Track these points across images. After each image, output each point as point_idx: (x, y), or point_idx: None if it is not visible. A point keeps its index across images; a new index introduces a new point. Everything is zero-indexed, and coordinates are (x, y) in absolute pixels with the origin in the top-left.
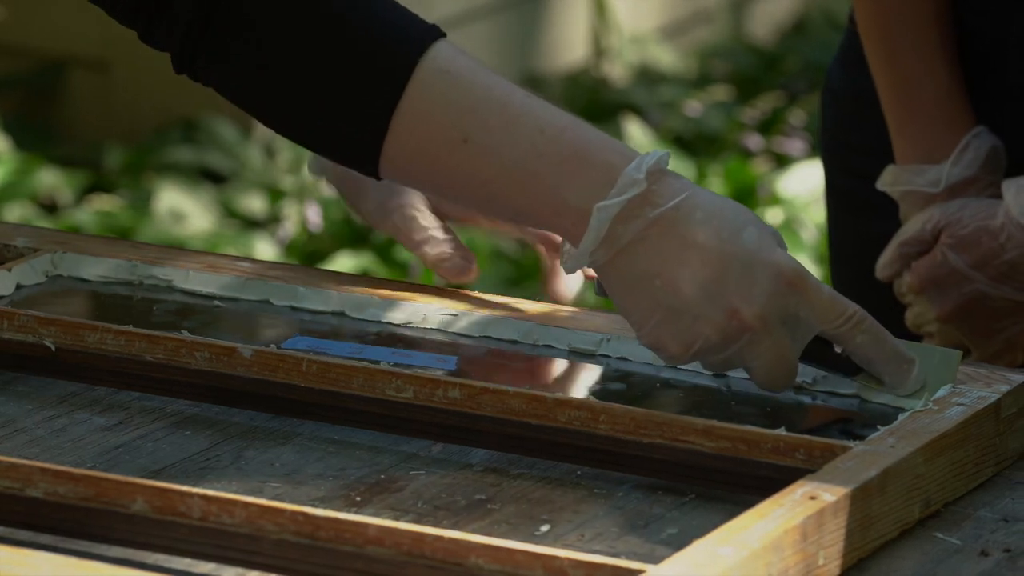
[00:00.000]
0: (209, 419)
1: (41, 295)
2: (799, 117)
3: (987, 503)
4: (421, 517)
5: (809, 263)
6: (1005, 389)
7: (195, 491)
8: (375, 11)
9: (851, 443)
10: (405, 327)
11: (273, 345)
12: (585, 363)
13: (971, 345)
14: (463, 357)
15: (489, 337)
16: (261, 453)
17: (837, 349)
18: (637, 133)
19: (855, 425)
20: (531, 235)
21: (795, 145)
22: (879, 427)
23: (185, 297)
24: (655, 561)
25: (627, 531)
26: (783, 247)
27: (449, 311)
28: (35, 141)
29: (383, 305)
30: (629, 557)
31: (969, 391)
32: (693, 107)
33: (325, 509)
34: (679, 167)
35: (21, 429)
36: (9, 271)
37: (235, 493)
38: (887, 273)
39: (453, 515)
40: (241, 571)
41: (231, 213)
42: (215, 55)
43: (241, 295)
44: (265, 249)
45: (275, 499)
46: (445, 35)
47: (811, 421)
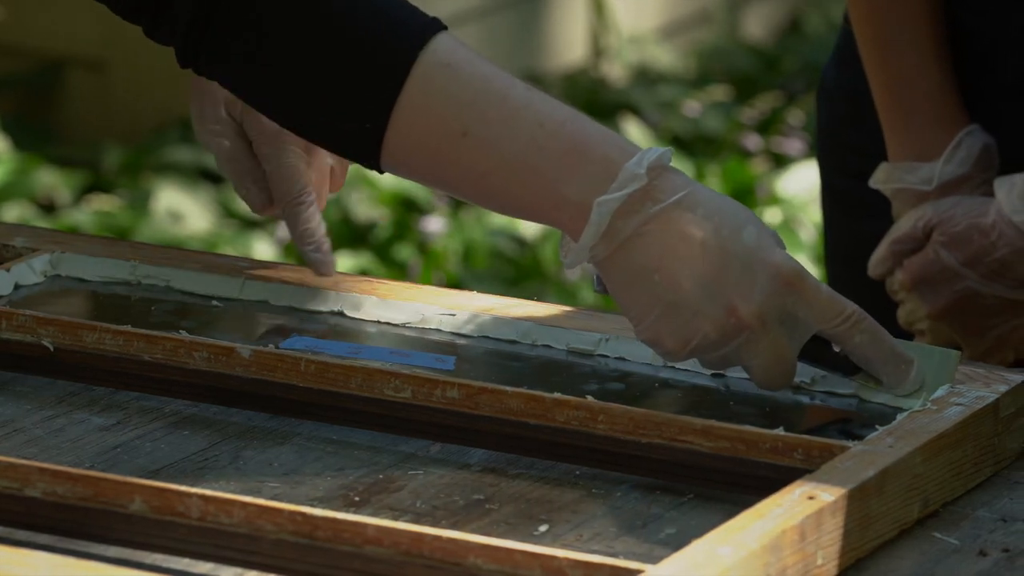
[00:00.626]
0: (207, 419)
1: (40, 295)
2: (797, 117)
3: (985, 503)
4: (419, 517)
5: (807, 263)
6: (1003, 389)
7: (193, 491)
8: (376, 5)
9: (849, 443)
10: (404, 327)
11: (271, 345)
12: (584, 363)
13: (962, 343)
14: (461, 357)
15: (487, 337)
16: (259, 453)
17: (836, 349)
18: (636, 133)
19: (853, 425)
20: None
21: (793, 145)
22: (877, 427)
23: (183, 297)
24: (653, 561)
25: (625, 531)
26: (782, 247)
27: (448, 311)
28: (34, 141)
29: (381, 305)
30: (627, 557)
31: (967, 391)
32: (692, 107)
33: (323, 509)
34: (678, 167)
35: (20, 429)
36: (8, 271)
37: (233, 493)
38: (879, 271)
39: (452, 515)
40: (239, 571)
41: (230, 213)
42: (216, 53)
43: (239, 295)
44: (264, 249)
45: (274, 499)
46: (446, 28)
47: (810, 421)
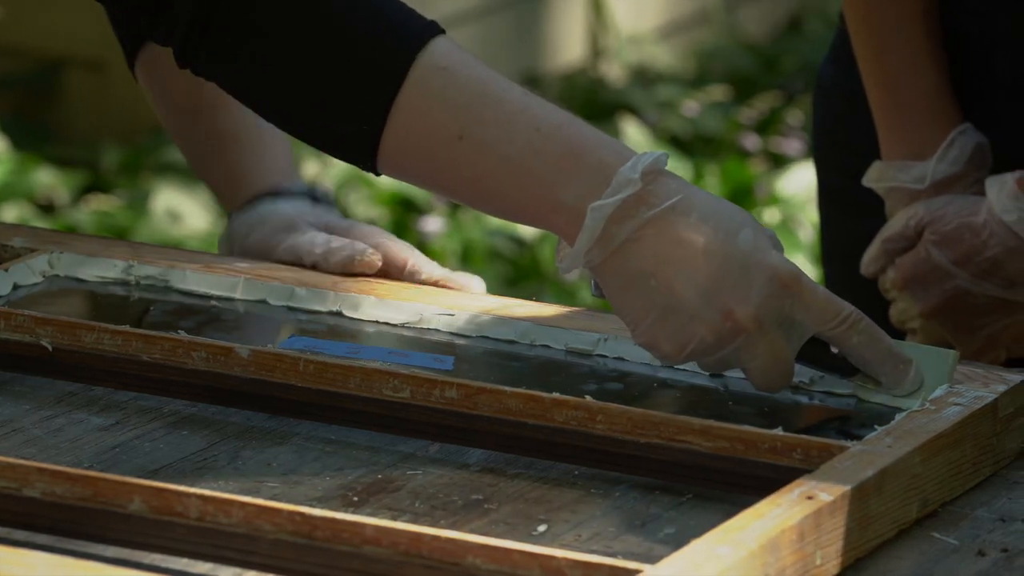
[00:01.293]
0: (206, 419)
1: (38, 295)
2: (796, 117)
3: (984, 503)
4: (418, 517)
5: (806, 263)
6: (1002, 389)
7: (192, 491)
8: (374, 8)
9: (848, 443)
10: (402, 327)
11: (270, 345)
12: (582, 363)
13: (953, 342)
14: (460, 357)
15: (486, 337)
16: (258, 453)
17: (834, 350)
18: (634, 133)
19: (852, 425)
20: None
21: (792, 145)
22: (876, 427)
23: (182, 297)
24: (652, 561)
25: (624, 531)
26: (780, 249)
27: (446, 311)
28: (32, 141)
29: (380, 305)
30: (626, 557)
31: (966, 391)
32: (690, 107)
33: (322, 509)
34: (676, 167)
35: (19, 429)
36: (6, 271)
37: (232, 493)
38: (871, 269)
39: (450, 515)
40: (238, 571)
41: (228, 213)
42: (216, 54)
43: (238, 295)
44: None
45: (272, 499)
46: (444, 31)
47: (808, 421)
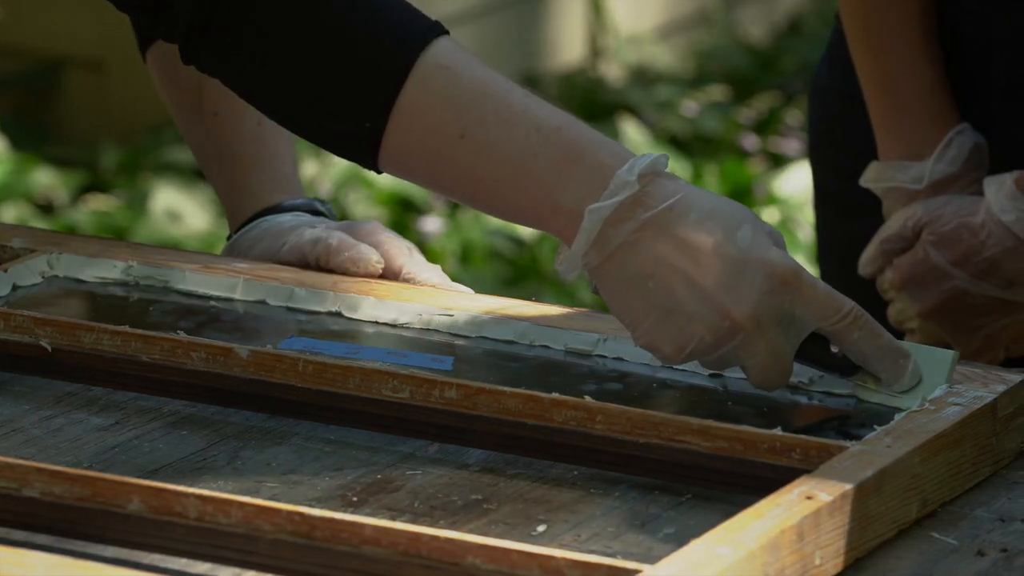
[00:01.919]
0: (206, 419)
1: (37, 296)
2: (795, 117)
3: (984, 503)
4: (418, 517)
5: (805, 263)
6: (1002, 389)
7: (191, 491)
8: (377, 7)
9: (848, 443)
10: (401, 327)
11: (269, 345)
12: (582, 363)
13: (952, 342)
14: (459, 357)
15: (485, 338)
16: (257, 453)
17: (834, 349)
18: (633, 133)
19: (852, 425)
20: None
21: (791, 145)
22: (876, 427)
23: (181, 298)
24: (652, 561)
25: (624, 531)
26: (781, 245)
27: (445, 311)
28: (31, 141)
29: (379, 306)
30: (626, 557)
31: (966, 391)
32: (689, 107)
33: (322, 509)
34: (675, 167)
35: (18, 429)
36: (5, 272)
37: (231, 493)
38: (869, 270)
39: (450, 515)
40: (237, 571)
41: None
42: (218, 51)
43: (237, 296)
44: None
45: (271, 499)
46: (448, 32)
47: (808, 421)
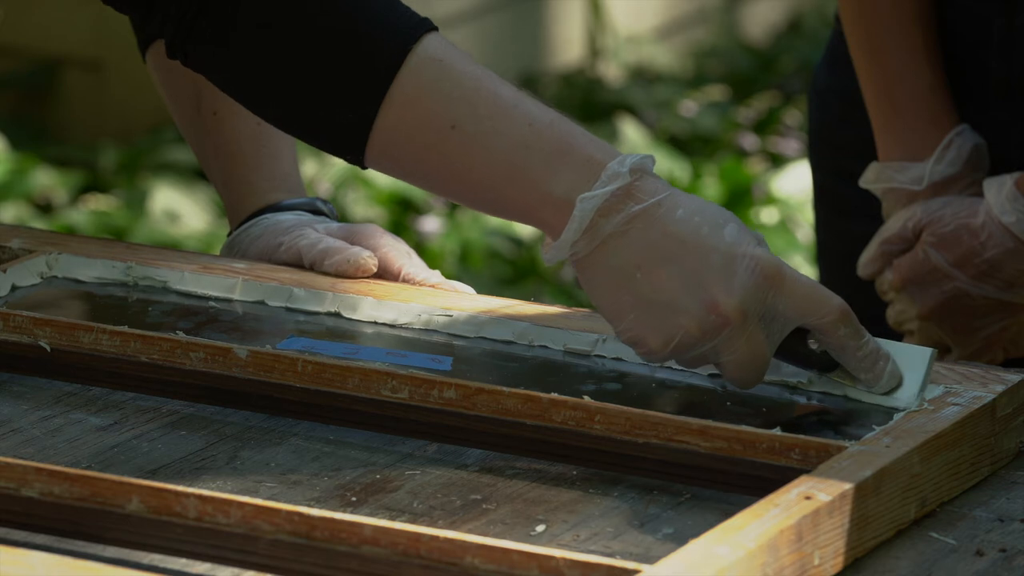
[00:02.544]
0: (205, 419)
1: (36, 296)
2: (794, 117)
3: (983, 503)
4: (417, 517)
5: (804, 263)
6: (1000, 389)
7: (190, 491)
8: (368, 2)
9: (846, 443)
10: (400, 328)
11: (268, 346)
12: (580, 363)
13: (951, 343)
14: (458, 358)
15: (484, 338)
16: (257, 453)
17: (813, 346)
18: (632, 133)
19: (851, 425)
20: None
21: (790, 145)
22: (875, 427)
23: (180, 298)
24: (651, 561)
25: (623, 531)
26: (764, 246)
27: (444, 312)
28: (30, 141)
29: (378, 306)
30: (625, 557)
31: (965, 391)
32: (688, 107)
33: (321, 509)
34: (674, 167)
35: (17, 429)
36: (4, 272)
37: (230, 493)
38: (869, 271)
39: (449, 515)
40: (236, 571)
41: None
42: (208, 43)
43: (236, 296)
44: None
45: (270, 499)
46: (437, 29)
47: (806, 421)
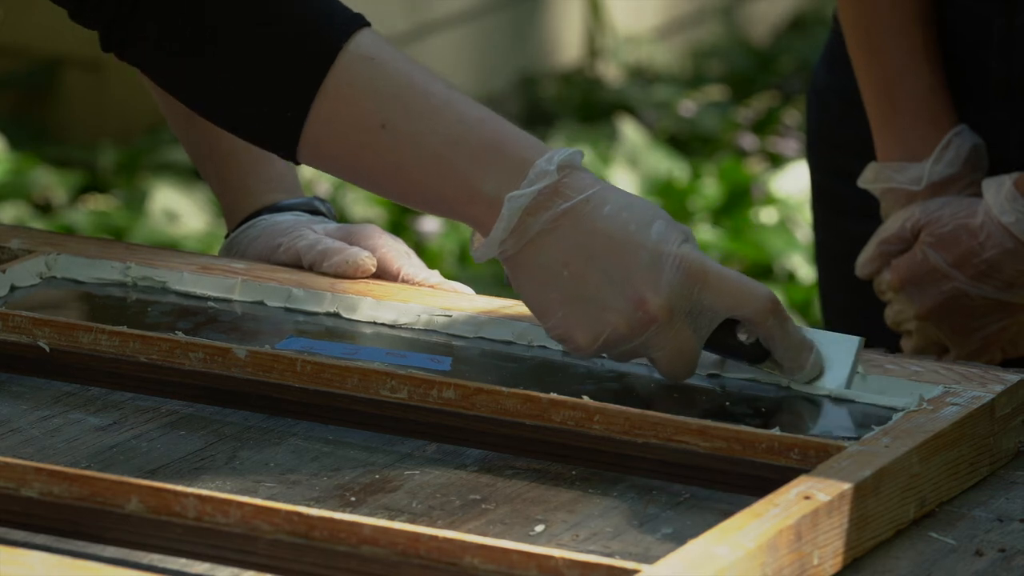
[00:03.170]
0: (204, 419)
1: (35, 297)
2: (793, 117)
3: (982, 503)
4: (416, 517)
5: (803, 263)
6: (1000, 389)
7: (190, 491)
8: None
9: (846, 443)
10: (399, 328)
11: (267, 346)
12: (579, 363)
13: (950, 343)
14: (457, 358)
15: (483, 338)
16: (256, 453)
17: (741, 338)
18: (632, 133)
19: (850, 425)
20: None
21: (789, 145)
22: (874, 427)
23: (179, 299)
24: (650, 561)
25: (622, 531)
26: (691, 241)
27: (444, 312)
28: (30, 141)
29: (377, 306)
30: (624, 557)
31: (964, 391)
32: (687, 107)
33: (320, 509)
34: (674, 167)
35: (16, 429)
36: (3, 273)
37: (230, 493)
38: (867, 271)
39: (448, 515)
40: (236, 571)
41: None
42: (141, 36)
43: (235, 296)
44: None
45: (270, 499)
46: (370, 24)
47: (806, 421)
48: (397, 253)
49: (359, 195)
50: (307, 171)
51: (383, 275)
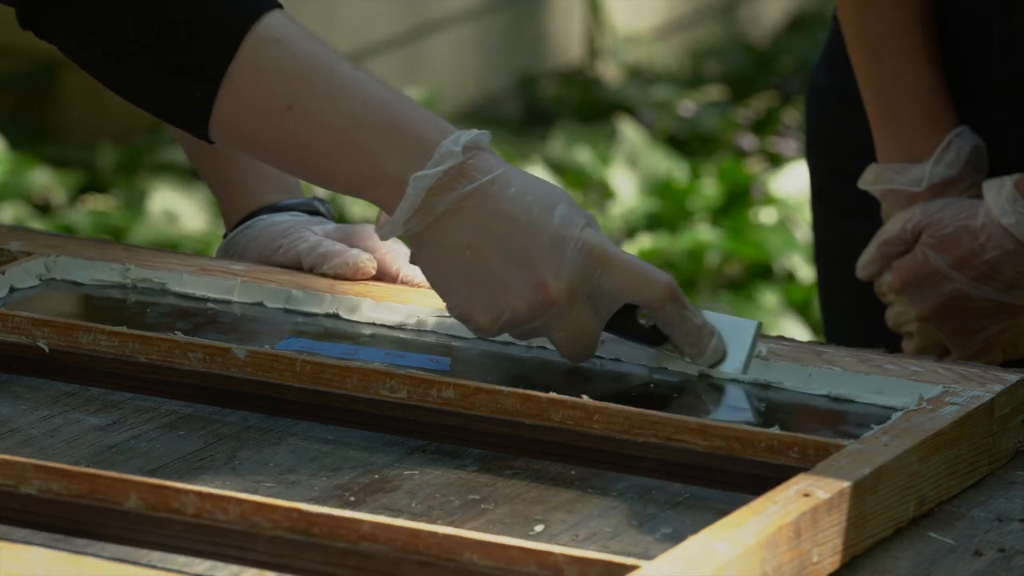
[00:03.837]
0: (203, 419)
1: (35, 298)
2: (793, 117)
3: (981, 502)
4: (415, 517)
5: (803, 263)
6: (999, 388)
7: (189, 488)
8: None
9: (845, 441)
10: (399, 328)
11: (267, 346)
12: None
13: (951, 344)
14: (457, 358)
15: (483, 338)
16: (255, 453)
17: (641, 321)
18: (631, 133)
19: (849, 424)
20: None
21: (789, 145)
22: (873, 425)
23: (179, 300)
24: (649, 560)
25: (621, 531)
26: (595, 226)
27: (443, 313)
28: (29, 141)
29: (377, 307)
30: (624, 556)
31: (963, 390)
32: (687, 107)
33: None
34: (673, 166)
35: (15, 429)
36: (3, 274)
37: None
38: (868, 272)
39: (447, 515)
40: (236, 568)
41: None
42: (58, 13)
43: (235, 298)
44: None
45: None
46: (281, 6)
47: (805, 419)
48: (396, 254)
49: None
50: None
51: (382, 276)
